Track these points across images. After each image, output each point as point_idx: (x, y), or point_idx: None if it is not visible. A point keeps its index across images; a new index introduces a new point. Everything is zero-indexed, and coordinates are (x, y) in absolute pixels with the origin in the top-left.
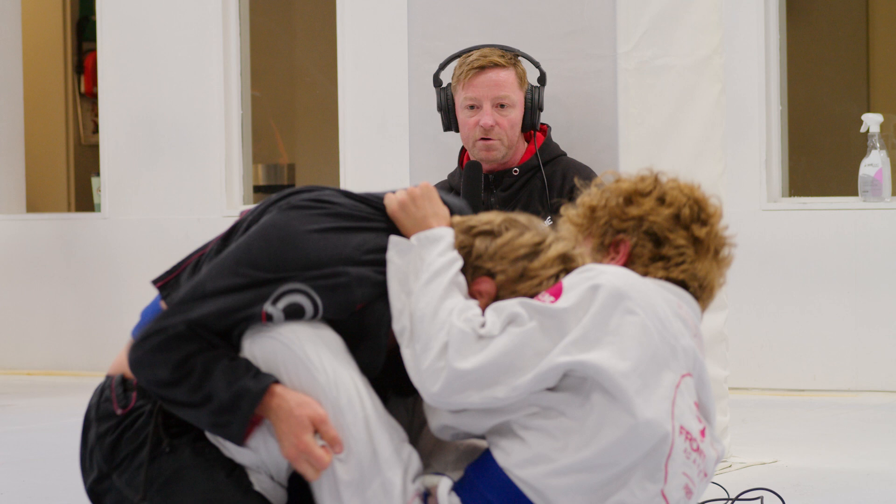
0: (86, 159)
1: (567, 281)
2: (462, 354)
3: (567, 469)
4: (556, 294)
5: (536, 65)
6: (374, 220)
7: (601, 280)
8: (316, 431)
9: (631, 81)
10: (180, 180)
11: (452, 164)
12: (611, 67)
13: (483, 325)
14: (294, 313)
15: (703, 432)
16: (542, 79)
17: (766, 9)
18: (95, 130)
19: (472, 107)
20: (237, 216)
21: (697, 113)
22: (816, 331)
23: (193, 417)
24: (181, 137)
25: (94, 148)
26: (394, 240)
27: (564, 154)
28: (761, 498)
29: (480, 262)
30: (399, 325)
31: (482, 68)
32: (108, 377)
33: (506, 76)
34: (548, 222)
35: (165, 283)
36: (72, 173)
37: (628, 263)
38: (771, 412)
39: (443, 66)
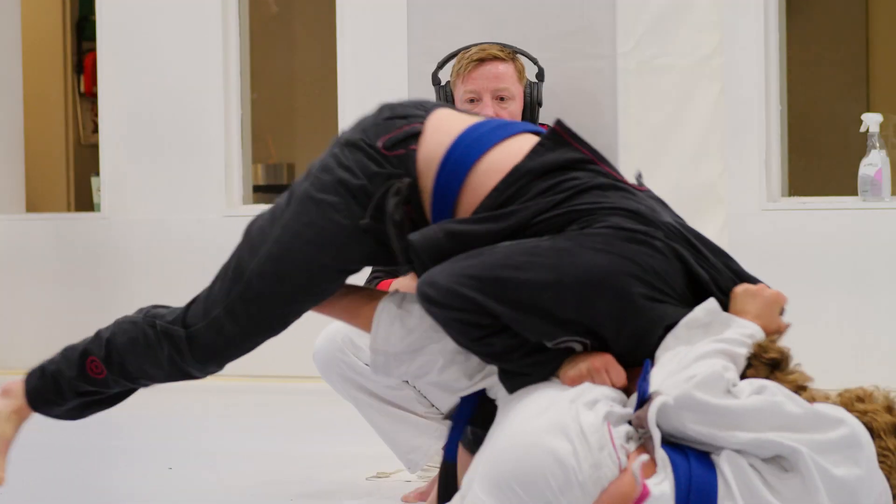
0: (85, 159)
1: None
2: (706, 390)
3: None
4: (810, 401)
5: (534, 61)
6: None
7: (852, 422)
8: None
9: (631, 81)
10: (180, 180)
11: None
12: (611, 67)
13: (735, 386)
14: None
15: None
16: (540, 75)
17: (766, 9)
18: (95, 130)
19: (472, 100)
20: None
21: (697, 113)
22: (816, 331)
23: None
24: (181, 137)
25: (94, 148)
26: (711, 305)
27: None
28: None
29: None
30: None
31: (482, 61)
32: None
33: (505, 69)
34: None
35: None
36: (71, 173)
37: None
38: None
39: (441, 65)
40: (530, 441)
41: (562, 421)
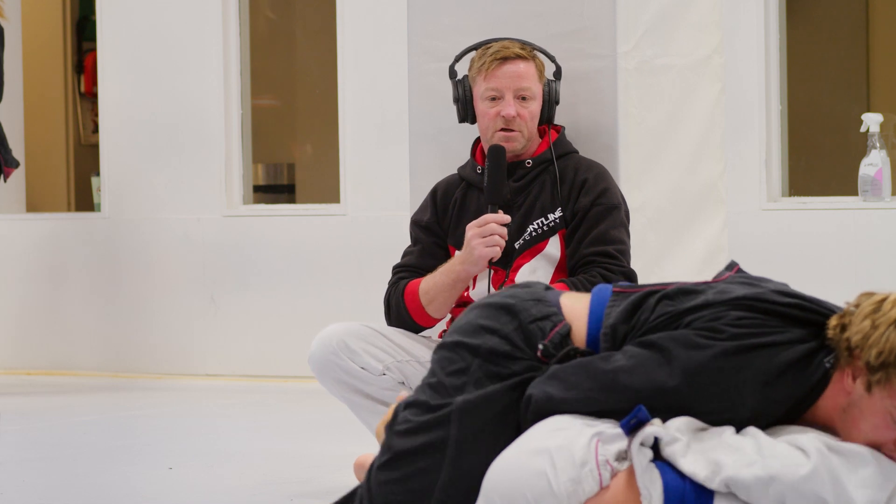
0: (86, 159)
1: None
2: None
3: None
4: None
5: (552, 59)
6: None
7: None
8: None
9: (631, 81)
10: (180, 180)
11: (453, 164)
12: (611, 67)
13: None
14: None
15: None
16: (557, 73)
17: (766, 9)
18: (95, 130)
19: (493, 98)
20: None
21: (697, 113)
22: None
23: None
24: (181, 137)
25: (94, 148)
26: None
27: (576, 151)
28: None
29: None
30: None
31: (504, 59)
32: (559, 316)
33: (526, 68)
34: (558, 213)
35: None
36: (72, 173)
37: None
38: None
39: (458, 59)
40: (516, 458)
41: (553, 439)
